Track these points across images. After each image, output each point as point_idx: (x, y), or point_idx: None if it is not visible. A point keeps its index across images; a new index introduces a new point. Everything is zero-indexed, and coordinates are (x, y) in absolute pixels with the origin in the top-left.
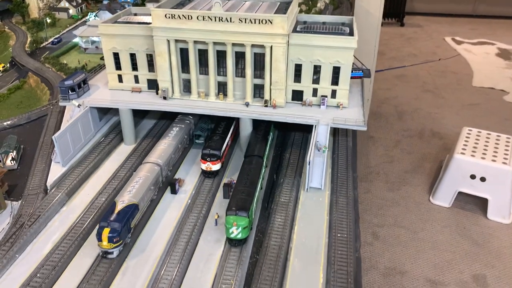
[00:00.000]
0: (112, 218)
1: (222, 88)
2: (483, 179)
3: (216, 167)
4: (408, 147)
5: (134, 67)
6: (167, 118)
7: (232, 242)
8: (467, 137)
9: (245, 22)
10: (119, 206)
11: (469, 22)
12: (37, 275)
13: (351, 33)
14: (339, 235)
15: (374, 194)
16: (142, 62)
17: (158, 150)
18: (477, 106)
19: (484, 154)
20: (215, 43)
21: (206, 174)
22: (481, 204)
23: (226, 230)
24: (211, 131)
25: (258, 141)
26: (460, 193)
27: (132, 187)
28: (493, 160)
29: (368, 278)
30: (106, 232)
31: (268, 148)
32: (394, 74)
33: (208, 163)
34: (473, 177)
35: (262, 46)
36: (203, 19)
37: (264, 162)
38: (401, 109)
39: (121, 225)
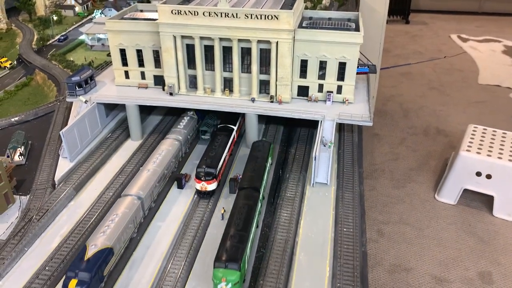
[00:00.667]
0: (80, 267)
1: (228, 84)
2: (489, 176)
3: (212, 186)
4: (413, 144)
5: (141, 63)
6: (173, 114)
7: None
8: (472, 134)
9: (251, 18)
10: (90, 252)
11: (475, 19)
12: (46, 268)
13: (357, 29)
14: (345, 229)
15: (379, 192)
16: (148, 58)
17: (140, 180)
18: (483, 104)
19: (490, 151)
20: (221, 39)
21: (201, 194)
22: (487, 201)
23: (214, 286)
24: (208, 145)
25: (255, 170)
26: (465, 190)
27: (106, 227)
28: (499, 157)
29: (373, 275)
30: (73, 284)
31: (265, 176)
32: (399, 71)
33: (203, 182)
34: (478, 174)
35: (268, 42)
36: (209, 15)
37: (261, 195)
38: (406, 106)
39: (91, 275)
